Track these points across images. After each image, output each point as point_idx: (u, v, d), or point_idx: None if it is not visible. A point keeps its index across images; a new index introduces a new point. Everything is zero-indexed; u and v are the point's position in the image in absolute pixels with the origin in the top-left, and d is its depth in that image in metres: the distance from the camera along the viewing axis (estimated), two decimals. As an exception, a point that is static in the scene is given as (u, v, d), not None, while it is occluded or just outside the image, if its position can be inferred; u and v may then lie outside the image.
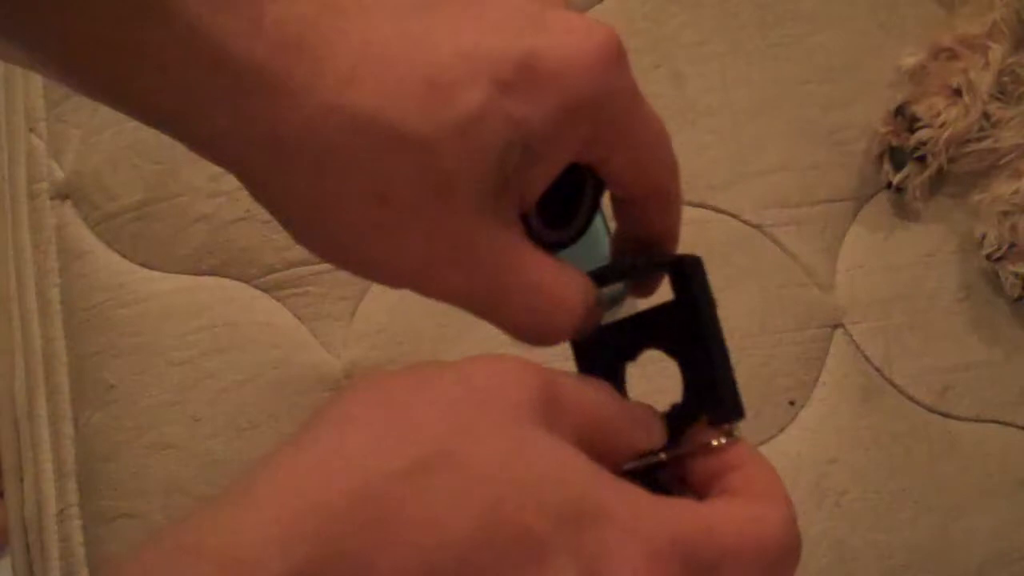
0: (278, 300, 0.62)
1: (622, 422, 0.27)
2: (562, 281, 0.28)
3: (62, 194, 0.66)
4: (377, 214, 0.25)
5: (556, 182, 0.28)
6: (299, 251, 0.63)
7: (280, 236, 0.63)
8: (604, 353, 0.31)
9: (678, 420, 0.30)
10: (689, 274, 0.30)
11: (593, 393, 0.27)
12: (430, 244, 0.26)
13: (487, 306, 0.28)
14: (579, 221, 0.30)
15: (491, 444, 0.23)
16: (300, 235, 0.27)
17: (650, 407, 0.29)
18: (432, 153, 0.24)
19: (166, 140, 0.26)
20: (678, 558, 0.23)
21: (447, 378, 0.24)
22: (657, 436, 0.29)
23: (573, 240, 0.31)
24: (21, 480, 0.63)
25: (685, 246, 0.32)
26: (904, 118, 0.64)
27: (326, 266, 0.63)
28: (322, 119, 0.24)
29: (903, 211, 0.66)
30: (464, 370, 0.24)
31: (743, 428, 0.29)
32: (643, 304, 0.32)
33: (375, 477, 0.21)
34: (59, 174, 0.66)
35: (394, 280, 0.28)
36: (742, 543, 0.25)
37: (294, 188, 0.25)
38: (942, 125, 0.63)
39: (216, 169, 0.63)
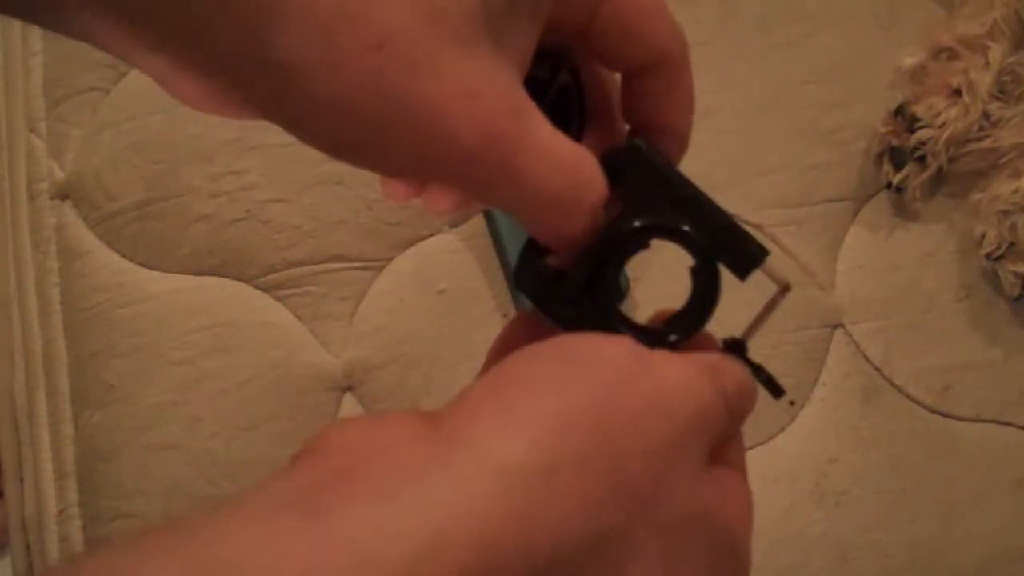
0: (278, 300, 0.62)
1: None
2: (580, 150, 0.27)
3: (62, 194, 0.66)
4: (377, 60, 0.24)
5: (552, 101, 0.28)
6: (299, 251, 0.63)
7: (280, 236, 0.63)
8: (593, 303, 0.28)
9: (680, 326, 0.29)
10: (642, 156, 0.29)
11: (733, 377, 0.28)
12: (436, 86, 0.25)
13: (503, 169, 0.26)
14: (573, 127, 0.29)
15: (680, 500, 0.23)
16: (309, 124, 0.26)
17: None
18: None
19: (166, 140, 0.26)
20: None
21: (650, 406, 0.24)
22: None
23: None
24: (21, 480, 0.63)
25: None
26: (904, 118, 0.64)
27: (326, 266, 0.63)
28: None
29: (903, 211, 0.66)
30: (662, 391, 0.24)
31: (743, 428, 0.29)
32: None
33: (573, 542, 0.21)
34: (59, 174, 0.66)
35: (412, 141, 0.26)
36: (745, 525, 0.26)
37: (297, 48, 0.24)
38: (942, 125, 0.63)
39: (216, 169, 0.63)
